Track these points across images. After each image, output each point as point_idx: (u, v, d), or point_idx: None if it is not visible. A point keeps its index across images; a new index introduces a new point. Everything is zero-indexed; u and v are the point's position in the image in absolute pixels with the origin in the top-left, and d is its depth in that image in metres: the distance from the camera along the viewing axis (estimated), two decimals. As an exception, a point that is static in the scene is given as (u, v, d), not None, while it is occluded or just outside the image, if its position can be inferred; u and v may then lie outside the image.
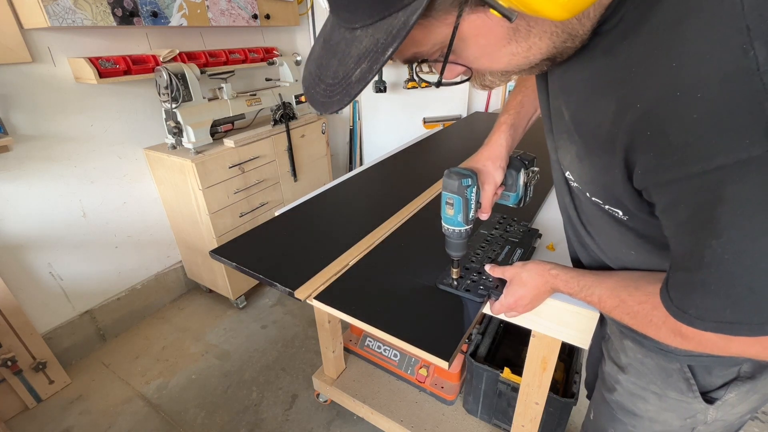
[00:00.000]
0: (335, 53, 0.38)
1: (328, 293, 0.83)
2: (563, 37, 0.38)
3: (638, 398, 0.62)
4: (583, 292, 0.58)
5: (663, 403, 0.59)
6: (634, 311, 0.50)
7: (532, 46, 0.38)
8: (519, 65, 0.40)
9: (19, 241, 1.57)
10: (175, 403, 1.60)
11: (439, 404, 1.38)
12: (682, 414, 0.58)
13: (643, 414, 0.62)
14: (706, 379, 0.55)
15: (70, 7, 1.35)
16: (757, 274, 0.32)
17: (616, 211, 0.47)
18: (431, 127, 2.98)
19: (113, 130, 1.77)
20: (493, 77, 0.44)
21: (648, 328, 0.48)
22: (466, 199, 0.67)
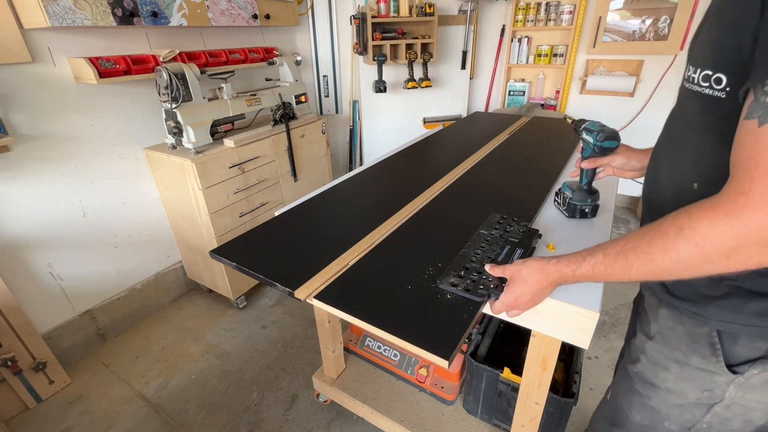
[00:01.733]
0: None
1: (327, 293, 0.83)
2: None
3: (660, 367, 0.63)
4: (586, 260, 0.58)
5: (683, 372, 0.60)
6: (640, 237, 0.50)
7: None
8: None
9: (19, 241, 1.57)
10: (175, 403, 1.60)
11: (439, 404, 1.38)
12: (700, 385, 0.58)
13: (661, 384, 0.63)
14: (732, 348, 0.55)
15: (70, 7, 1.35)
16: None
17: (721, 80, 0.50)
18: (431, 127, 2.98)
19: (113, 130, 1.78)
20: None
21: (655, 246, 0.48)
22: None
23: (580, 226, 1.05)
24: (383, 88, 2.71)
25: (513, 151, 1.67)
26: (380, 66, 2.64)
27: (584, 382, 1.62)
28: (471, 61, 3.01)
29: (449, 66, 2.94)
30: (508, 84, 3.01)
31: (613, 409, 0.73)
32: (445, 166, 1.49)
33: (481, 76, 3.16)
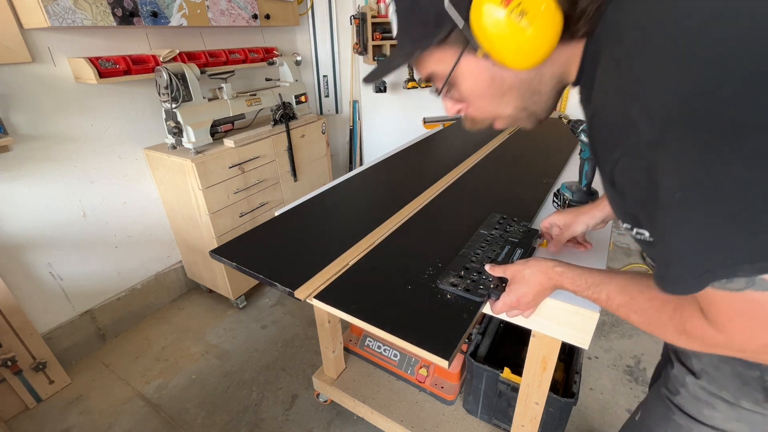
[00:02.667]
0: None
1: (327, 293, 0.83)
2: (527, 93, 0.52)
3: (704, 404, 0.59)
4: (591, 289, 0.58)
5: (733, 412, 0.56)
6: (644, 308, 0.50)
7: (504, 94, 0.52)
8: (496, 110, 0.54)
9: (19, 241, 1.57)
10: (175, 403, 1.60)
11: (439, 404, 1.38)
12: (753, 428, 0.55)
13: (706, 421, 0.59)
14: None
15: (70, 7, 1.35)
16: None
17: (642, 233, 0.48)
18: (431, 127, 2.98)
19: (113, 130, 1.78)
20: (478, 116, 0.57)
21: (656, 326, 0.49)
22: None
23: (580, 226, 1.05)
24: (383, 88, 2.71)
25: (513, 151, 1.67)
26: (380, 66, 2.63)
27: (584, 382, 1.62)
28: (471, 61, 3.00)
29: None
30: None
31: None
32: (445, 167, 1.49)
33: (481, 76, 3.15)
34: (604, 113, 0.42)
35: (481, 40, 0.46)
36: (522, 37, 0.44)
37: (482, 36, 0.45)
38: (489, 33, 0.44)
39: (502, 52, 0.45)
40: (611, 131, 0.41)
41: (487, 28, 0.44)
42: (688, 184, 0.35)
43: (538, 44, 0.44)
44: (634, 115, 0.37)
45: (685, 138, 0.34)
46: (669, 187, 0.36)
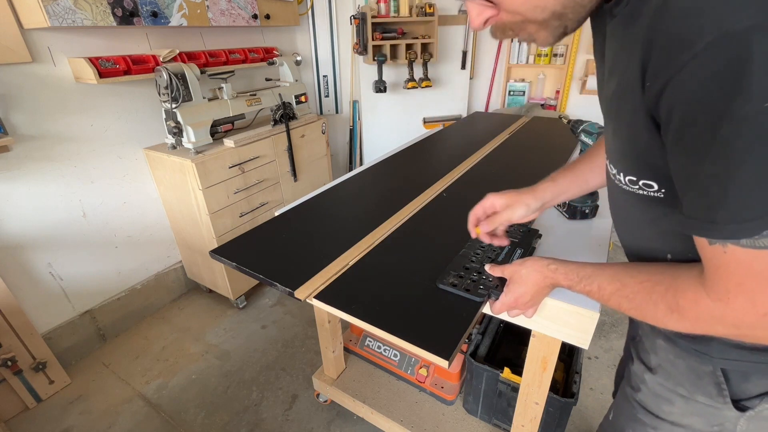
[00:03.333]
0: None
1: (328, 293, 0.83)
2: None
3: (663, 400, 0.60)
4: (583, 282, 0.58)
5: (689, 407, 0.57)
6: (635, 292, 0.50)
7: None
8: (534, 8, 0.44)
9: (19, 241, 1.57)
10: (175, 403, 1.60)
11: (439, 404, 1.38)
12: (709, 420, 0.56)
13: (666, 417, 0.60)
14: (742, 386, 0.52)
15: (70, 7, 1.35)
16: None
17: (651, 185, 0.46)
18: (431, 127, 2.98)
19: (113, 130, 1.78)
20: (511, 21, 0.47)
21: (646, 308, 0.48)
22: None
23: (580, 227, 1.05)
24: (383, 88, 2.71)
25: (513, 151, 1.67)
26: (380, 66, 2.64)
27: (584, 382, 1.62)
28: (471, 61, 3.01)
29: (449, 66, 2.94)
30: (508, 84, 3.01)
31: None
32: (445, 166, 1.49)
33: (481, 76, 3.16)
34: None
35: None
36: None
37: None
38: None
39: None
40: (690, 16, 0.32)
41: None
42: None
43: None
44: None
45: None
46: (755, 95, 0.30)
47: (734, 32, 0.30)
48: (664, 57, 0.35)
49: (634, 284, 0.50)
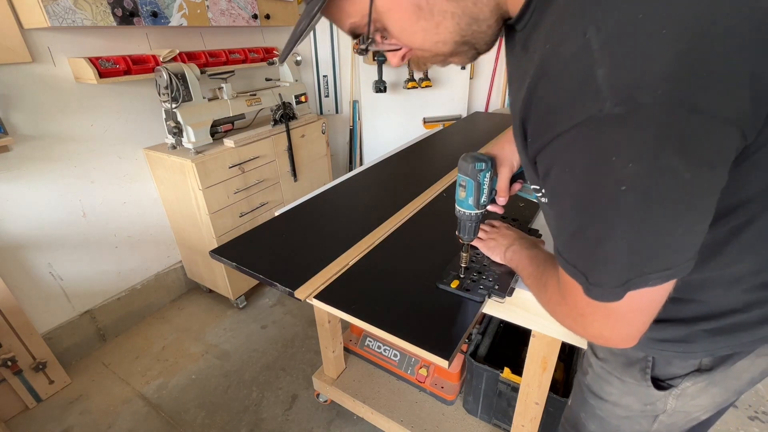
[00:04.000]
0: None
1: (327, 293, 0.83)
2: (465, 19, 0.44)
3: (604, 381, 0.64)
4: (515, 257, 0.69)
5: (624, 387, 0.61)
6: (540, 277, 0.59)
7: (439, 24, 0.44)
8: (435, 44, 0.47)
9: (19, 241, 1.57)
10: (175, 403, 1.60)
11: (439, 404, 1.38)
12: (641, 399, 0.60)
13: (608, 397, 0.64)
14: (666, 369, 0.57)
15: (70, 7, 1.35)
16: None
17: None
18: (431, 127, 2.98)
19: (113, 130, 1.78)
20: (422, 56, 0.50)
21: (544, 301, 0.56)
22: (479, 183, 0.69)
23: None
24: (383, 88, 2.71)
25: (513, 151, 1.66)
26: (380, 66, 2.64)
27: (584, 382, 1.62)
28: (471, 61, 3.00)
29: (449, 66, 2.94)
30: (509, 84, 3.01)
31: (574, 417, 0.74)
32: (445, 167, 1.49)
33: (481, 75, 3.16)
34: (557, 69, 0.35)
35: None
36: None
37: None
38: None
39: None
40: (564, 90, 0.34)
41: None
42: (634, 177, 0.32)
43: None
44: (599, 78, 0.31)
45: (648, 122, 0.30)
46: (618, 176, 0.33)
47: (596, 117, 0.32)
48: (541, 124, 0.37)
49: (543, 275, 0.58)
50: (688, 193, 0.33)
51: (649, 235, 0.35)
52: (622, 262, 0.37)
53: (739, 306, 0.49)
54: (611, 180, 0.33)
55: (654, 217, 0.34)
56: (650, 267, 0.36)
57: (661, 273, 0.36)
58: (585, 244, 0.39)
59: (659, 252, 0.36)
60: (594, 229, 0.37)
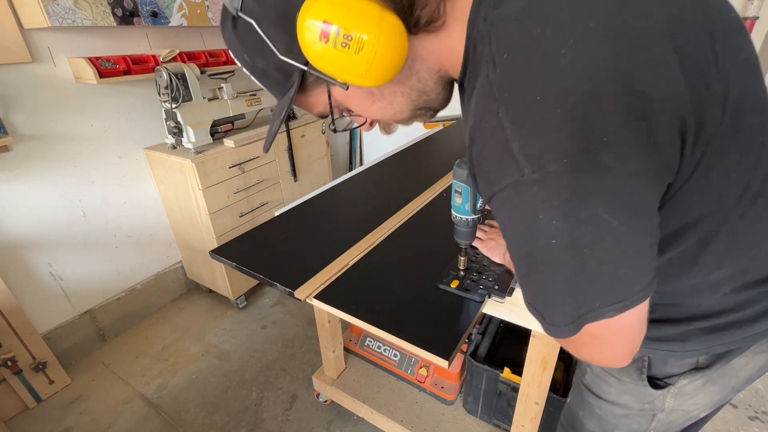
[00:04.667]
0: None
1: (327, 293, 0.83)
2: (414, 93, 0.50)
3: (602, 381, 0.65)
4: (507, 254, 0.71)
5: (622, 387, 0.62)
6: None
7: (393, 101, 0.50)
8: (394, 115, 0.53)
9: (19, 241, 1.57)
10: (175, 403, 1.60)
11: (439, 404, 1.38)
12: (639, 398, 0.61)
13: (606, 397, 0.65)
14: (662, 368, 0.58)
15: (70, 7, 1.35)
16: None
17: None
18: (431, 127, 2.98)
19: (113, 130, 1.78)
20: (384, 124, 0.58)
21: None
22: (474, 188, 0.68)
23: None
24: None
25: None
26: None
27: (584, 382, 1.62)
28: (471, 61, 3.00)
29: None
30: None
31: (572, 415, 0.75)
32: (445, 167, 1.49)
33: (481, 76, 3.16)
34: (483, 138, 0.40)
35: (332, 74, 0.43)
36: (364, 59, 0.41)
37: (329, 70, 0.43)
38: (332, 67, 0.42)
39: (355, 78, 0.43)
40: (491, 160, 0.39)
41: (327, 64, 0.42)
42: (560, 232, 0.36)
43: (384, 58, 0.41)
44: (515, 151, 0.36)
45: (561, 185, 0.35)
46: (545, 231, 0.37)
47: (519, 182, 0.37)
48: (482, 182, 0.42)
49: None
50: (619, 237, 0.36)
51: (590, 277, 0.38)
52: (568, 302, 0.40)
53: (731, 306, 0.50)
54: (542, 235, 0.38)
55: (590, 261, 0.37)
56: (602, 302, 0.39)
57: (615, 305, 0.39)
58: (533, 288, 0.43)
59: (607, 289, 0.39)
60: (536, 276, 0.41)
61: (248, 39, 0.46)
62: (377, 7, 0.40)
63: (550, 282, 0.40)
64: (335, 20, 0.39)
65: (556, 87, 0.34)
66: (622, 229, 0.36)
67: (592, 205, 0.35)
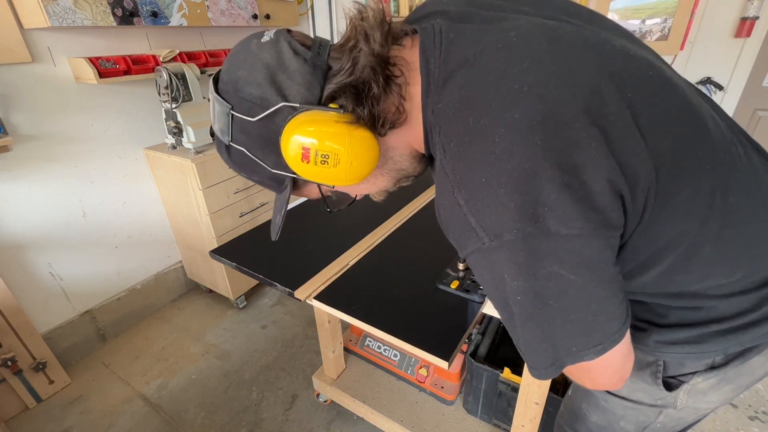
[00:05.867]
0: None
1: (327, 293, 0.83)
2: (393, 173, 0.56)
3: None
4: None
5: (634, 385, 0.62)
6: None
7: (376, 182, 0.57)
8: (379, 190, 0.61)
9: (19, 241, 1.57)
10: (175, 403, 1.60)
11: (439, 404, 1.38)
12: (652, 395, 0.61)
13: (616, 392, 0.65)
14: (678, 369, 0.58)
15: (70, 7, 1.35)
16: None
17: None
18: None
19: (113, 130, 1.78)
20: (372, 195, 0.64)
21: None
22: None
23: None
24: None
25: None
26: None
27: (584, 382, 1.62)
28: (471, 61, 3.00)
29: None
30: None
31: (574, 408, 0.75)
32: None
33: (481, 76, 3.16)
34: (445, 211, 0.45)
35: (317, 181, 0.51)
36: (342, 170, 0.47)
37: (313, 178, 0.49)
38: (315, 177, 0.49)
39: (337, 182, 0.49)
40: (455, 230, 0.44)
41: (312, 176, 0.49)
42: (524, 289, 0.41)
43: (360, 164, 0.48)
44: (473, 224, 0.41)
45: (517, 250, 0.39)
46: (511, 288, 0.42)
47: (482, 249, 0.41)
48: (455, 243, 0.46)
49: None
50: (580, 288, 0.40)
51: (561, 325, 0.42)
52: (544, 348, 0.44)
53: (747, 306, 0.51)
54: (508, 292, 0.42)
55: (557, 312, 0.41)
56: (578, 347, 0.43)
57: (593, 349, 0.42)
58: (515, 333, 0.47)
59: (581, 334, 0.42)
60: (514, 323, 0.45)
61: (242, 161, 0.53)
62: (345, 126, 0.46)
63: (525, 330, 0.44)
64: (312, 144, 0.45)
65: (495, 170, 0.39)
66: (580, 281, 0.40)
67: (547, 263, 0.39)
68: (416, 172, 0.58)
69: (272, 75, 0.46)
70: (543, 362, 0.45)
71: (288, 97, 0.46)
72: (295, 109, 0.46)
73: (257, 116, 0.47)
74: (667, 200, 0.43)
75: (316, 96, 0.46)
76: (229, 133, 0.51)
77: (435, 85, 0.45)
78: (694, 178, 0.44)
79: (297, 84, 0.46)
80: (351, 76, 0.45)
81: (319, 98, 0.47)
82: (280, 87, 0.46)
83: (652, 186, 0.41)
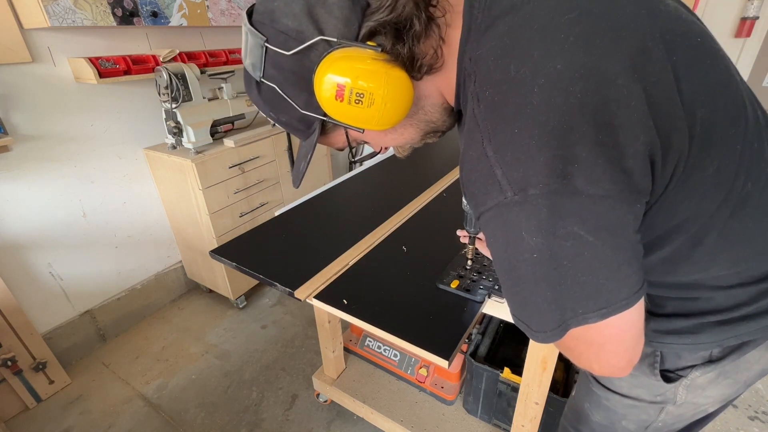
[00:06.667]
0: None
1: (327, 293, 0.83)
2: (422, 124, 0.55)
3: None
4: None
5: (634, 380, 0.62)
6: None
7: (404, 132, 0.56)
8: (405, 143, 0.59)
9: (19, 241, 1.57)
10: (175, 403, 1.60)
11: (439, 404, 1.38)
12: (651, 391, 0.61)
13: (617, 389, 0.65)
14: (676, 362, 0.58)
15: (70, 7, 1.35)
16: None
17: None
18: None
19: (113, 130, 1.78)
20: (399, 148, 0.63)
21: None
22: None
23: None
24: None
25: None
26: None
27: (584, 382, 1.62)
28: (471, 61, 3.00)
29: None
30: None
31: (577, 408, 0.75)
32: (446, 166, 1.49)
33: (481, 76, 3.16)
34: (470, 164, 0.44)
35: (348, 123, 0.49)
36: (376, 111, 0.46)
37: (346, 121, 0.48)
38: (348, 119, 0.48)
39: (369, 125, 0.48)
40: (478, 183, 0.43)
41: (343, 117, 0.48)
42: (541, 246, 0.40)
43: (394, 106, 0.47)
44: (498, 176, 0.40)
45: (540, 206, 0.38)
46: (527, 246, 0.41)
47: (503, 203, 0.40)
48: (471, 201, 0.46)
49: None
50: (596, 251, 0.39)
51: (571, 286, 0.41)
52: (552, 309, 0.43)
53: (744, 299, 0.51)
54: (524, 250, 0.41)
55: (570, 272, 0.40)
56: (584, 309, 0.42)
57: (597, 312, 0.41)
58: (518, 299, 0.46)
59: (588, 297, 0.41)
60: (521, 288, 0.44)
61: (272, 99, 0.52)
62: (383, 65, 0.44)
63: (534, 292, 0.43)
64: (347, 82, 0.44)
65: (530, 121, 0.38)
66: (598, 244, 0.39)
67: (569, 223, 0.38)
68: (445, 126, 0.57)
69: (310, 7, 0.45)
70: (549, 324, 0.44)
71: (325, 31, 0.45)
72: (332, 45, 0.45)
73: (292, 50, 0.46)
74: (692, 173, 0.42)
75: (354, 32, 0.45)
76: (261, 67, 0.49)
77: (476, 31, 0.43)
78: (724, 155, 0.43)
79: (335, 18, 0.44)
80: (392, 13, 0.44)
81: (356, 35, 0.45)
82: (317, 20, 0.45)
83: (683, 154, 0.41)
